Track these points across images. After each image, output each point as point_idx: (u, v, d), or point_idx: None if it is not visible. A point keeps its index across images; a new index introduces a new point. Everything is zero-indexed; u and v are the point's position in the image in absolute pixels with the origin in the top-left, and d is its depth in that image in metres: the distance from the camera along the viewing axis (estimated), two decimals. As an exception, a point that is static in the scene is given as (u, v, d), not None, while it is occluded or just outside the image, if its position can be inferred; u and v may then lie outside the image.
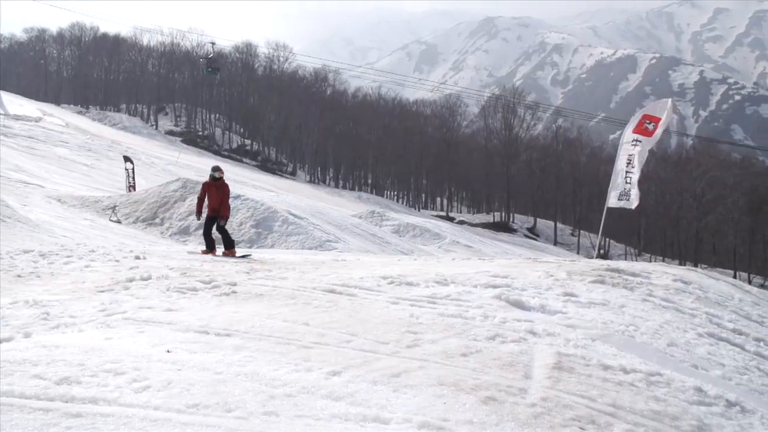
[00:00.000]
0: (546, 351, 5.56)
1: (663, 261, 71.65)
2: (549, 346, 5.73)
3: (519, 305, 7.40)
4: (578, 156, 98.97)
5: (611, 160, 16.45)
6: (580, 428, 4.09)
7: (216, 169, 15.15)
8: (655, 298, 9.04)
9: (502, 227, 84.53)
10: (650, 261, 70.95)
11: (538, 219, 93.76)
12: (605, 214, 15.55)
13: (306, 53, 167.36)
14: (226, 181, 15.27)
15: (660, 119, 15.01)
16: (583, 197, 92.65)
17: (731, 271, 73.01)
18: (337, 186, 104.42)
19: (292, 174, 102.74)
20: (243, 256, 13.96)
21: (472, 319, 6.51)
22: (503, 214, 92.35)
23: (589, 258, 20.41)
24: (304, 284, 8.32)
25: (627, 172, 14.61)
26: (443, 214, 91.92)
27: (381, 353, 5.21)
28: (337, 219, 32.36)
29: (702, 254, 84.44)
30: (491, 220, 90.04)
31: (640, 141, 15.13)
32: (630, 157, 14.86)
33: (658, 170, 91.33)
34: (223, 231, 14.82)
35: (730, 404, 5.15)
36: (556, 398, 4.49)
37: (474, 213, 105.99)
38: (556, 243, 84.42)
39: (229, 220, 15.46)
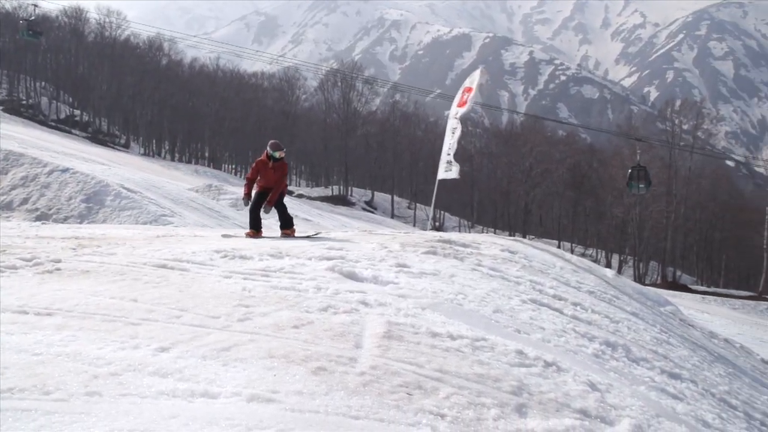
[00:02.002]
0: (377, 321, 5.67)
1: (494, 232, 74.74)
2: (380, 316, 5.85)
3: (352, 277, 7.51)
4: (415, 131, 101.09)
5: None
6: (408, 394, 4.22)
7: (276, 146, 12.46)
8: (483, 267, 9.41)
9: (341, 201, 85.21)
10: (482, 232, 73.82)
11: (375, 192, 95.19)
12: (437, 187, 16.01)
13: (140, 20, 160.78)
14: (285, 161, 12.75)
15: (472, 89, 15.57)
16: (419, 171, 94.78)
17: (556, 242, 77.31)
18: (173, 159, 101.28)
19: (125, 146, 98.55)
20: (308, 237, 12.12)
21: (305, 292, 6.54)
22: (341, 188, 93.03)
23: (423, 230, 20.96)
24: (134, 260, 8.05)
25: (451, 144, 15.04)
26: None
27: (211, 327, 5.15)
28: (172, 193, 31.53)
29: (530, 226, 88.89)
30: (330, 194, 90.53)
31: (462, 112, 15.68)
32: (454, 129, 15.32)
33: (490, 146, 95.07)
34: (280, 207, 12.72)
35: (547, 364, 5.46)
36: (385, 366, 4.60)
37: (313, 187, 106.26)
38: (393, 216, 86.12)
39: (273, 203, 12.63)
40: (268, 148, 12.50)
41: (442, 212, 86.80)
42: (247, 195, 12.80)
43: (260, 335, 5.02)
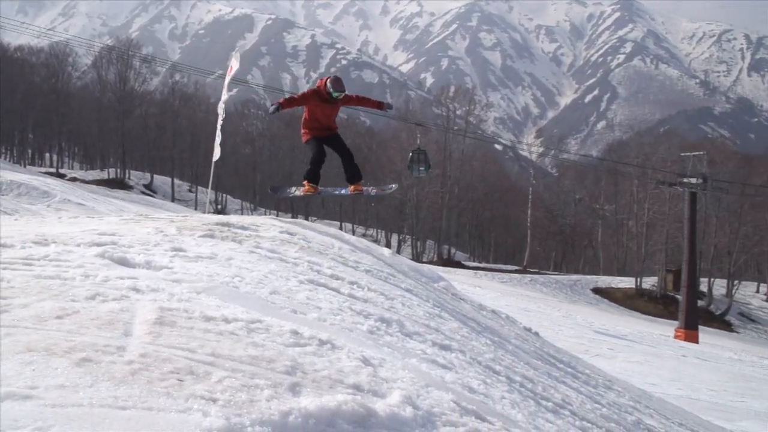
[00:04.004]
0: (148, 307, 5.50)
1: (277, 215, 74.91)
2: (152, 302, 5.68)
3: (124, 263, 7.22)
4: (196, 112, 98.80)
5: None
6: (179, 380, 4.14)
7: (339, 85, 10.41)
8: (261, 249, 9.38)
9: (118, 184, 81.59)
10: (265, 215, 73.74)
11: (155, 175, 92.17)
12: (213, 169, 15.87)
13: None
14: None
15: (232, 69, 15.59)
16: (201, 153, 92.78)
17: (338, 223, 78.98)
18: None
19: None
20: (382, 189, 10.80)
21: (71, 280, 6.20)
22: (118, 171, 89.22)
23: (204, 213, 20.60)
24: None
25: (221, 124, 14.95)
26: (53, 170, 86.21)
27: (-38, 323, 4.76)
28: None
29: (312, 207, 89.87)
30: (106, 177, 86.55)
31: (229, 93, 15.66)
32: (224, 110, 15.24)
33: (272, 128, 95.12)
34: (346, 154, 11.22)
35: (322, 343, 5.55)
36: (155, 353, 4.47)
37: (87, 170, 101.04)
38: (174, 199, 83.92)
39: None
40: (328, 84, 10.54)
41: (224, 195, 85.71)
42: (280, 104, 10.62)
43: (19, 328, 4.70)
